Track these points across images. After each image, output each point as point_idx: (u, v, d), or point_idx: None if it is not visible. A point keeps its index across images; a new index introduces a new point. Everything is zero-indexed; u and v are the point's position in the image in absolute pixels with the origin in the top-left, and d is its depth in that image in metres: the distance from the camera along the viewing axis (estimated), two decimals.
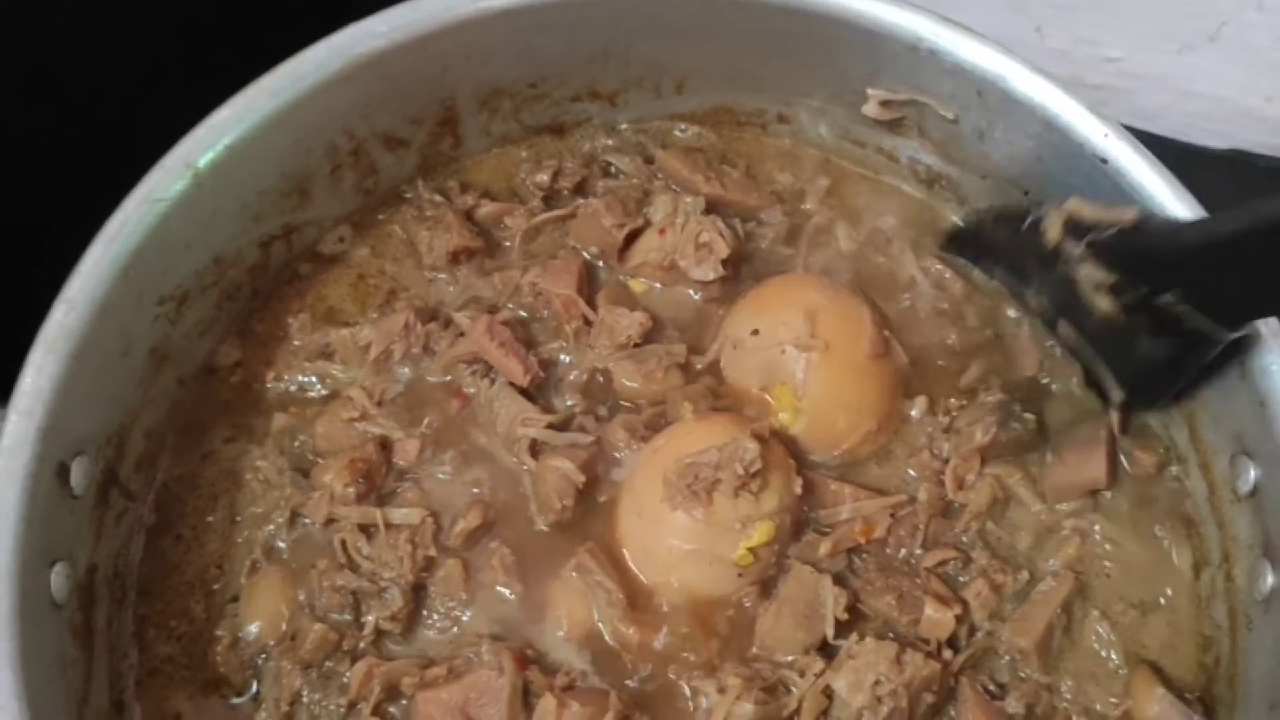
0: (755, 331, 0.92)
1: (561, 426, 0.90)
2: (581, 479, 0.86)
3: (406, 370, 0.94)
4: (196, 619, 0.87)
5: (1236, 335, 0.78)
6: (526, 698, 0.81)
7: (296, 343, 0.95)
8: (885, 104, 0.94)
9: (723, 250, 0.94)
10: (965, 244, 0.98)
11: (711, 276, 0.95)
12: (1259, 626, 0.81)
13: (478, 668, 0.81)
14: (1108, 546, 0.89)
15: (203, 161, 0.84)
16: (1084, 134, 0.86)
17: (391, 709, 0.83)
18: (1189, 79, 1.30)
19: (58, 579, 0.78)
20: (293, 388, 0.95)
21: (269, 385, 0.94)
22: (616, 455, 0.90)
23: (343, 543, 0.87)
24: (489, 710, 0.80)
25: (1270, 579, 0.79)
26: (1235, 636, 0.83)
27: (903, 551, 0.88)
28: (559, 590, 0.86)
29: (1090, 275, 0.80)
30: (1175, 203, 0.83)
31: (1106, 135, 0.85)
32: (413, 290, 0.97)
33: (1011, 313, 0.97)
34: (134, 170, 0.83)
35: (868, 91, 0.94)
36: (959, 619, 0.84)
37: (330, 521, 0.88)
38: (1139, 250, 0.78)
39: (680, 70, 0.99)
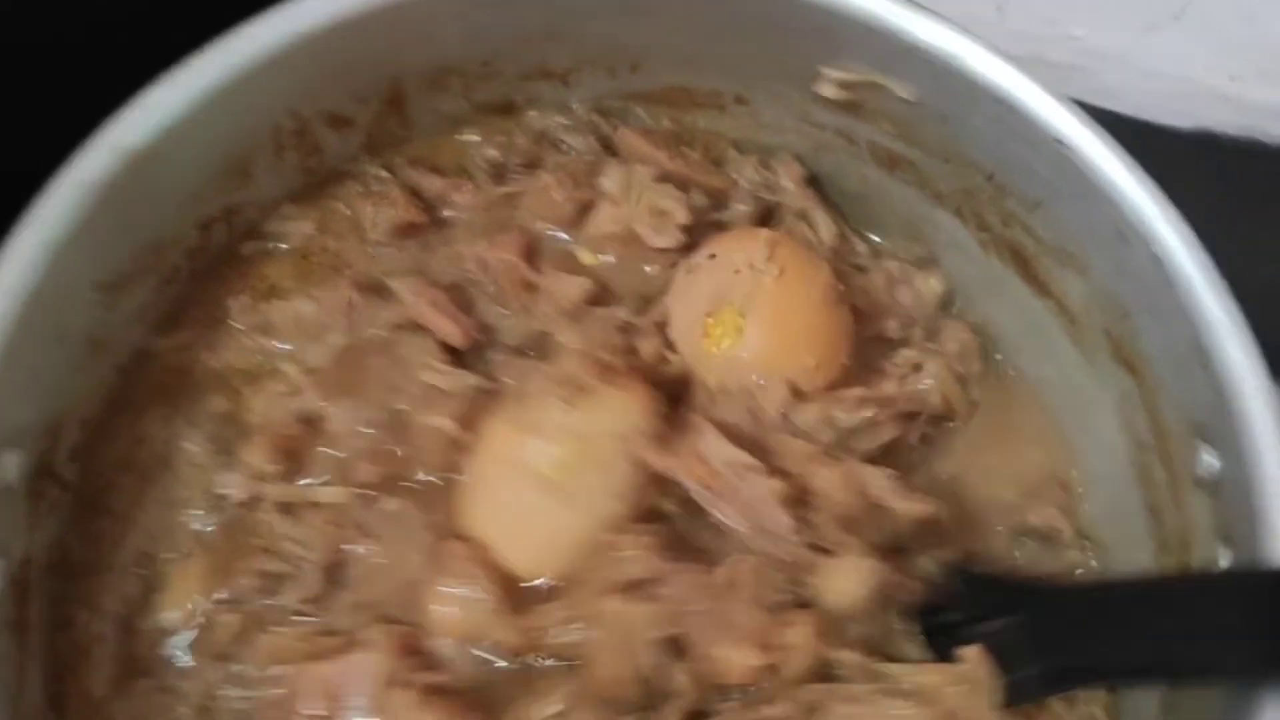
0: (712, 255, 0.91)
1: None
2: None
3: (341, 341, 0.91)
4: (123, 609, 0.85)
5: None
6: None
7: (236, 323, 0.92)
8: (843, 85, 0.92)
9: (682, 216, 0.93)
10: None
11: (672, 244, 0.93)
12: None
13: (361, 648, 0.79)
14: None
15: (134, 143, 0.81)
16: (1041, 114, 0.84)
17: None
18: (1153, 58, 1.29)
19: None
20: (233, 367, 0.92)
21: (209, 367, 0.92)
22: None
23: (261, 524, 0.85)
24: (358, 693, 0.78)
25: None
26: None
27: None
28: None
29: None
30: (1134, 186, 0.82)
31: (1065, 117, 0.83)
32: (356, 267, 0.95)
33: None
34: (64, 149, 0.80)
35: (824, 72, 0.92)
36: None
37: (255, 501, 0.86)
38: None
39: (635, 50, 0.96)
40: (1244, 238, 1.07)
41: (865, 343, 0.95)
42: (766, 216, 1.00)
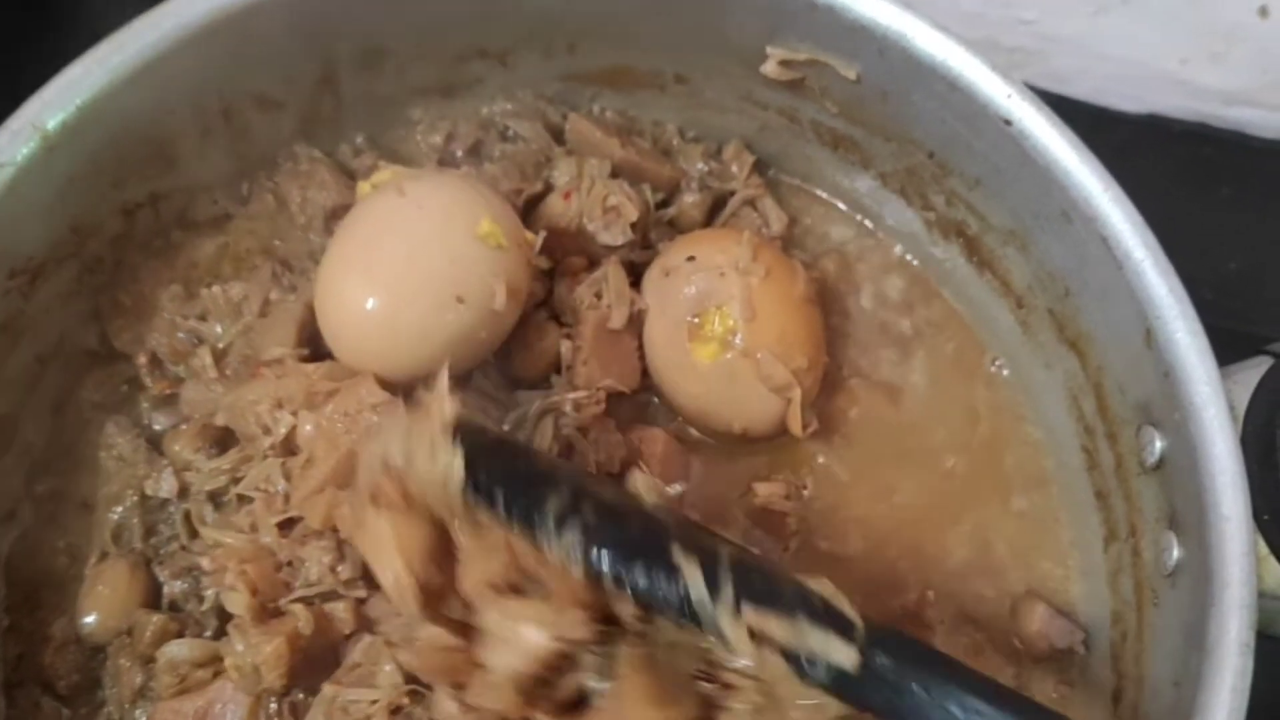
0: (691, 258, 0.89)
1: None
2: None
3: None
4: (39, 615, 0.82)
5: None
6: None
7: (167, 313, 0.89)
8: (785, 64, 0.90)
9: (631, 214, 0.91)
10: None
11: (621, 241, 0.92)
12: (1164, 601, 0.78)
13: (226, 675, 0.77)
14: None
15: (51, 123, 0.78)
16: (988, 94, 0.82)
17: None
18: (1104, 41, 1.28)
19: None
20: (165, 359, 0.89)
21: (139, 359, 0.89)
22: None
23: (186, 514, 0.83)
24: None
25: (1176, 552, 0.76)
26: (1142, 612, 0.81)
27: None
28: None
29: None
30: (1080, 166, 0.80)
31: (1010, 96, 0.81)
32: (289, 250, 0.92)
33: None
34: None
35: (767, 50, 0.90)
36: None
37: (183, 494, 0.83)
38: None
39: (571, 28, 0.93)
40: (1193, 221, 1.07)
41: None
42: (717, 206, 0.98)
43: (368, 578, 0.76)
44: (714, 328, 0.88)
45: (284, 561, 0.78)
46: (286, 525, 0.79)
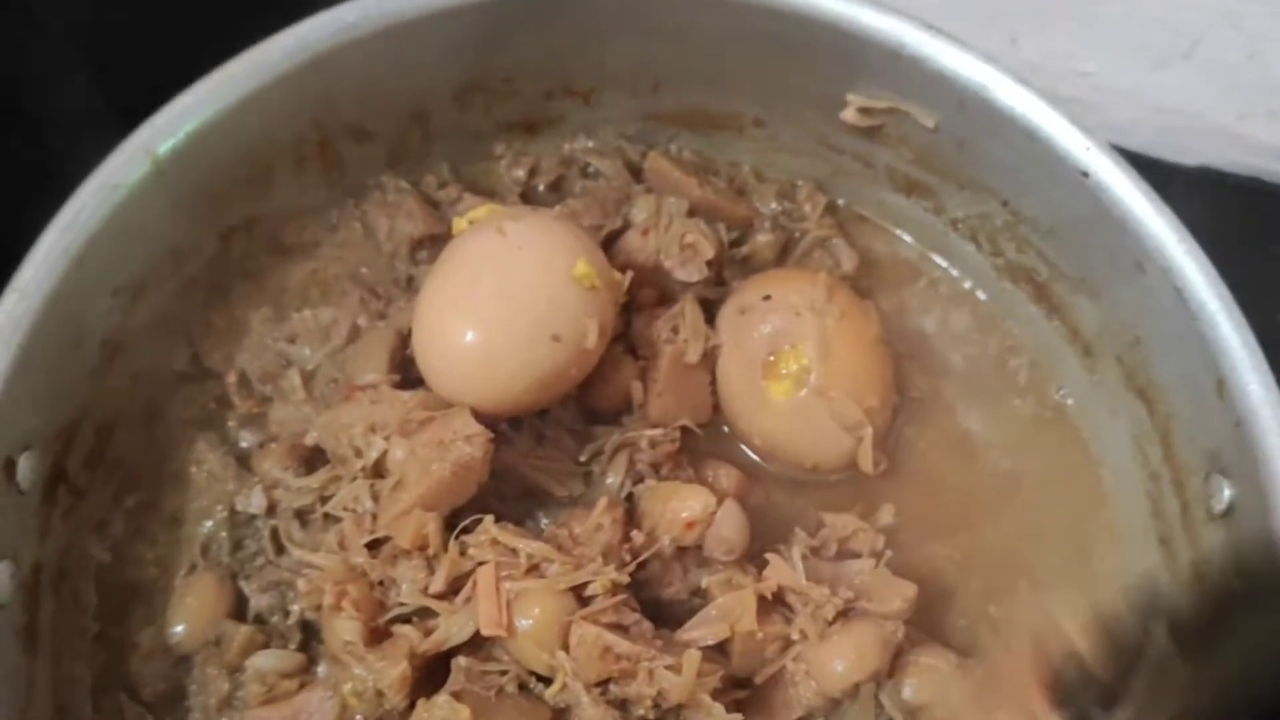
0: (767, 297, 0.91)
1: None
2: None
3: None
4: (128, 624, 0.85)
5: None
6: None
7: (257, 334, 0.92)
8: (864, 111, 0.93)
9: (708, 251, 0.93)
10: None
11: (696, 278, 0.94)
12: None
13: (313, 686, 0.79)
14: None
15: (163, 149, 0.81)
16: (1065, 146, 0.84)
17: None
18: (1161, 95, 1.30)
19: (1, 578, 0.76)
20: (254, 379, 0.92)
21: (229, 378, 0.91)
22: None
23: (274, 531, 0.85)
24: None
25: None
26: None
27: None
28: None
29: None
30: (1155, 218, 0.82)
31: (1089, 149, 0.84)
32: (375, 277, 0.95)
33: None
34: (83, 158, 0.81)
35: (847, 98, 0.92)
36: None
37: (270, 510, 0.85)
38: None
39: (657, 69, 0.96)
40: (1244, 274, 1.08)
41: None
42: (789, 245, 1.00)
43: (456, 590, 0.78)
44: (789, 366, 0.90)
45: (376, 581, 0.80)
46: (374, 546, 0.81)
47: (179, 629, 0.84)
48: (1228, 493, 0.80)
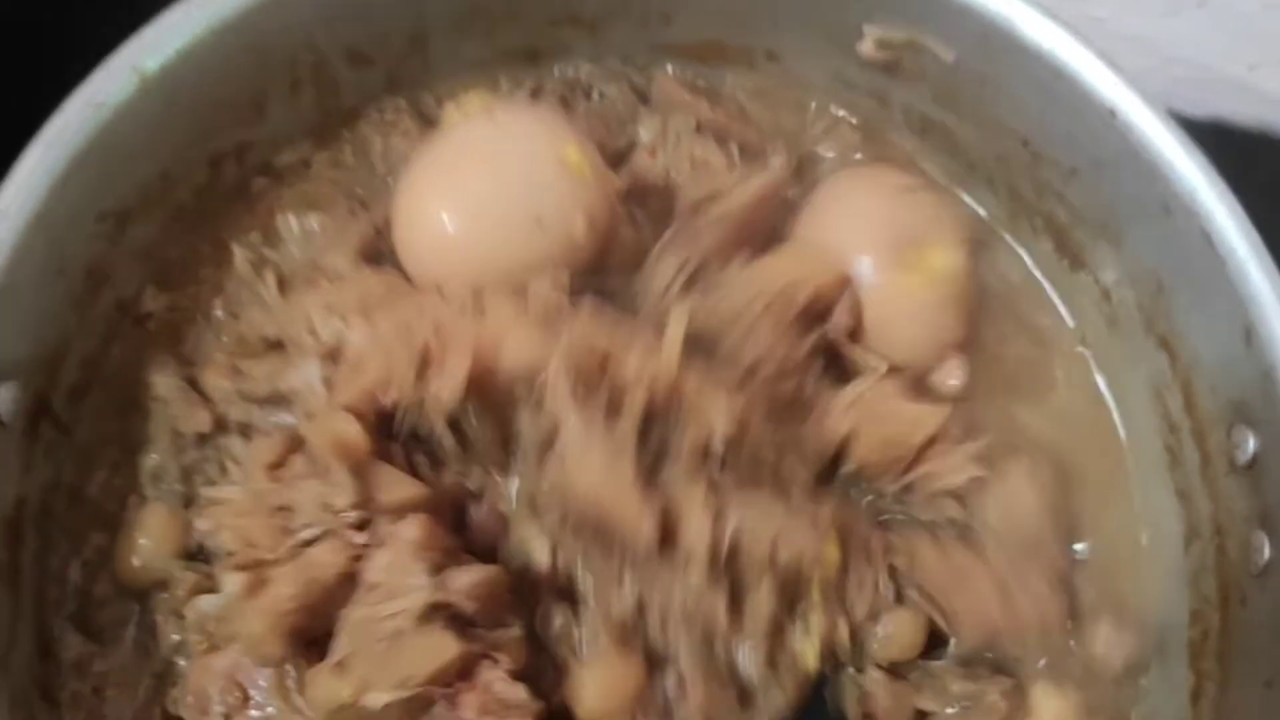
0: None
1: None
2: None
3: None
4: (89, 562, 0.82)
5: None
6: None
7: (242, 258, 0.88)
8: (881, 44, 0.89)
9: (720, 167, 0.90)
10: None
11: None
12: (1252, 601, 0.78)
13: None
14: None
15: (151, 66, 0.77)
16: (1093, 83, 0.81)
17: None
18: (1173, 44, 1.27)
19: None
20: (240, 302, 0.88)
21: (215, 309, 0.87)
22: None
23: (217, 448, 0.81)
24: (258, 678, 0.74)
25: (1267, 552, 0.76)
26: (1226, 612, 0.81)
27: None
28: None
29: None
30: (1185, 160, 0.80)
31: (1117, 85, 0.81)
32: (368, 196, 0.91)
33: None
34: (67, 74, 0.77)
35: (864, 29, 0.89)
36: None
37: (219, 427, 0.82)
38: None
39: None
40: (1257, 229, 1.06)
41: None
42: (801, 172, 0.96)
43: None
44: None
45: (276, 507, 0.74)
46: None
47: (131, 563, 0.80)
48: (1252, 444, 0.78)
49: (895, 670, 0.81)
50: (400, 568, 0.70)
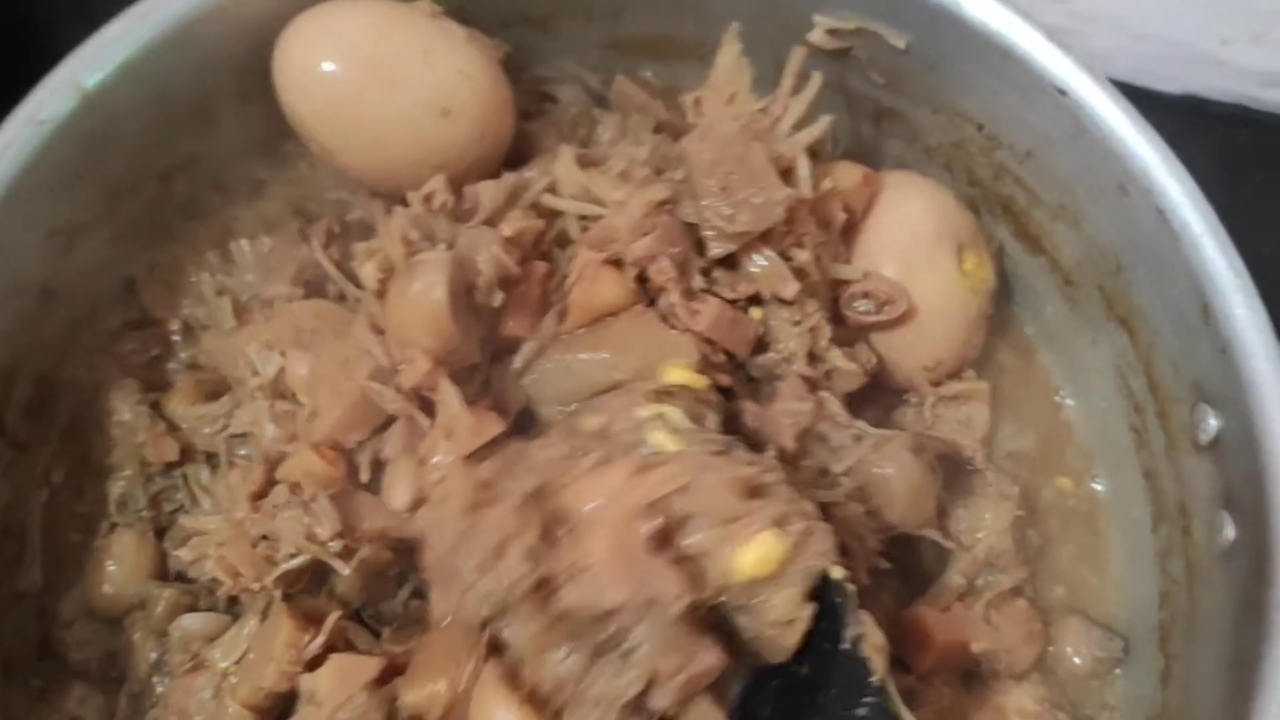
0: None
1: None
2: None
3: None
4: (55, 586, 0.82)
5: None
6: None
7: (200, 276, 0.88)
8: (832, 33, 0.89)
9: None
10: None
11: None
12: (1217, 581, 0.77)
13: None
14: None
15: (92, 81, 0.77)
16: (1042, 63, 0.81)
17: None
18: (1143, 21, 1.26)
19: None
20: (196, 324, 0.88)
21: (171, 326, 0.88)
22: None
23: (184, 476, 0.82)
24: None
25: (1230, 532, 0.75)
26: (1193, 592, 0.80)
27: None
28: None
29: None
30: (1136, 137, 0.79)
31: (1066, 65, 0.80)
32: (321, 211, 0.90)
33: None
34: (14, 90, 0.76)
35: (814, 18, 0.88)
36: None
37: (185, 456, 0.82)
38: None
39: None
40: (1228, 203, 1.05)
41: None
42: None
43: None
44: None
45: (259, 537, 0.75)
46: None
47: (102, 591, 0.81)
48: (1214, 422, 0.77)
49: None
50: None
